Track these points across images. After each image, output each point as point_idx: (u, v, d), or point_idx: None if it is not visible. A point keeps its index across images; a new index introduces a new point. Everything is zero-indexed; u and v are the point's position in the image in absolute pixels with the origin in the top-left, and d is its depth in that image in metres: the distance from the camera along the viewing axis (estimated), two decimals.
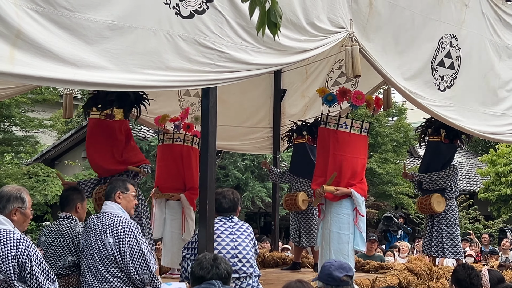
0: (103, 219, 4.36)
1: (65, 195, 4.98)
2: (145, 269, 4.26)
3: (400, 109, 19.37)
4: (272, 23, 2.74)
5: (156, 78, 4.11)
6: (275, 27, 2.76)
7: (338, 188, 5.92)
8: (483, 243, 12.60)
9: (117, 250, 4.23)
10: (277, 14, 2.74)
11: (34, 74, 3.52)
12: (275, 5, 2.72)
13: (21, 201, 3.76)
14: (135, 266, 4.23)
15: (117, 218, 4.34)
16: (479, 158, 20.86)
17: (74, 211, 4.87)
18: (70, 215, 4.83)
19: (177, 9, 4.21)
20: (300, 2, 4.96)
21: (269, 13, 2.73)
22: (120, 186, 4.53)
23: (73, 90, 7.12)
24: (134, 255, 4.24)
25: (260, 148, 9.00)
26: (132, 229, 4.31)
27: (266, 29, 2.80)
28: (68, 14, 3.68)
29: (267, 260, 7.86)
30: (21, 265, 3.53)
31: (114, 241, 4.24)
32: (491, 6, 6.83)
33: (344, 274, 3.64)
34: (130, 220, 4.40)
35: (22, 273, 3.53)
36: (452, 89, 6.38)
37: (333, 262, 3.76)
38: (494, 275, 4.75)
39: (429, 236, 7.64)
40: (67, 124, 17.97)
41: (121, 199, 4.49)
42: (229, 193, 4.80)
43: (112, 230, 4.27)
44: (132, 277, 4.24)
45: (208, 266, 3.40)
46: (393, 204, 17.11)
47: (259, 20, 2.77)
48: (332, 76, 8.08)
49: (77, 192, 5.03)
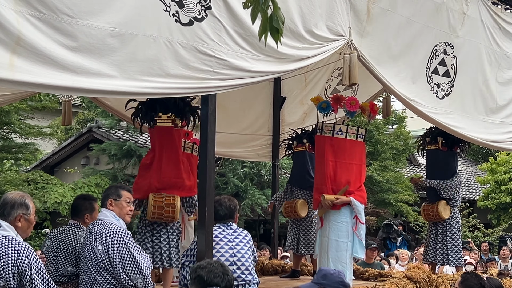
0: (96, 226, 4.35)
1: (75, 203, 4.97)
2: (137, 274, 4.24)
3: (399, 117, 19.40)
4: (274, 29, 2.73)
5: (156, 85, 4.11)
6: (277, 33, 2.74)
7: (338, 197, 5.92)
8: (482, 251, 12.59)
9: (106, 257, 4.21)
10: (280, 20, 2.72)
11: (34, 81, 3.52)
12: (277, 10, 2.71)
13: (25, 207, 3.75)
14: (126, 272, 4.20)
15: (108, 226, 4.31)
16: (479, 166, 20.87)
17: (82, 221, 4.85)
18: (78, 224, 4.84)
19: (176, 16, 4.22)
20: (298, 10, 4.97)
21: (271, 19, 2.72)
22: (112, 194, 4.48)
23: (72, 97, 7.12)
24: (124, 261, 4.22)
25: (259, 156, 8.99)
26: (121, 235, 4.27)
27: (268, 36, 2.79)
28: (70, 21, 3.68)
29: (266, 267, 7.84)
30: (21, 273, 3.52)
31: (103, 248, 4.22)
32: (491, 15, 6.85)
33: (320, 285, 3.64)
34: (120, 226, 4.34)
35: (21, 281, 3.53)
36: (450, 97, 6.40)
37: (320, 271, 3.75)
38: (492, 283, 4.75)
39: (433, 244, 7.63)
40: (67, 132, 17.99)
41: (113, 206, 4.44)
42: (226, 200, 4.79)
43: (101, 238, 4.25)
44: (124, 283, 4.22)
45: (221, 274, 3.32)
46: (392, 212, 17.10)
47: (261, 26, 2.75)
48: (331, 83, 8.09)
49: (88, 202, 4.98)
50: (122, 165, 14.08)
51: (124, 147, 13.61)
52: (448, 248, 7.47)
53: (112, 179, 13.59)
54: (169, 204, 5.61)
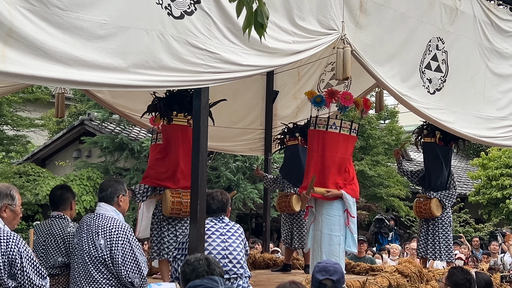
0: (97, 220, 4.31)
1: (58, 193, 4.87)
2: (136, 273, 4.23)
3: (391, 112, 19.42)
4: (258, 24, 2.73)
5: (149, 78, 4.11)
6: (261, 28, 2.75)
7: (329, 190, 5.94)
8: (473, 246, 12.65)
9: (108, 252, 4.20)
10: (264, 15, 2.72)
11: (26, 72, 3.52)
12: (262, 6, 2.72)
13: (11, 198, 3.74)
14: (126, 269, 4.20)
15: (111, 221, 4.29)
16: (470, 162, 20.96)
17: (69, 209, 4.82)
18: (62, 215, 4.78)
19: (169, 9, 4.21)
20: (285, 4, 4.95)
21: (256, 13, 2.72)
22: (121, 189, 4.47)
23: (65, 89, 7.10)
24: (126, 258, 4.21)
25: (252, 150, 9.00)
26: (126, 231, 4.26)
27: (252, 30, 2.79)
28: (61, 13, 3.68)
29: (258, 261, 7.86)
30: (11, 261, 3.51)
31: (106, 243, 4.21)
32: (483, 10, 6.86)
33: (325, 277, 3.54)
34: (124, 222, 4.35)
35: (12, 270, 3.52)
36: (441, 92, 6.41)
37: (320, 264, 3.66)
38: (481, 278, 4.76)
39: (424, 239, 7.66)
40: (58, 124, 17.92)
41: (122, 202, 4.45)
42: (218, 194, 4.81)
43: (104, 232, 4.23)
44: (123, 280, 4.21)
45: (204, 273, 3.33)
46: (384, 206, 17.16)
47: (245, 21, 2.76)
48: (324, 78, 8.10)
49: (70, 189, 4.96)
50: (114, 158, 14.05)
51: (116, 140, 13.58)
52: (440, 244, 7.50)
53: (104, 172, 13.56)
54: (187, 200, 5.67)
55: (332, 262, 3.73)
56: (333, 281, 3.55)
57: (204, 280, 3.19)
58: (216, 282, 3.13)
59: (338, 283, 3.58)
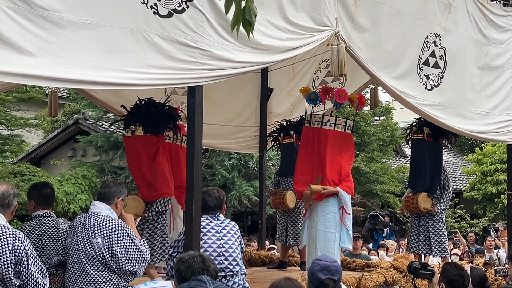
0: (91, 219, 4.34)
1: (50, 191, 4.80)
2: (141, 263, 4.33)
3: (386, 108, 19.45)
4: (246, 21, 2.74)
5: (139, 76, 4.10)
6: (249, 25, 2.75)
7: (325, 187, 5.94)
8: (469, 241, 12.67)
9: (107, 249, 4.23)
10: (252, 13, 2.73)
11: (15, 71, 3.50)
12: (250, 3, 2.72)
13: None
14: (131, 262, 4.27)
15: (106, 218, 4.34)
16: (465, 157, 21.00)
17: (51, 208, 4.79)
18: (49, 213, 4.71)
19: (155, 8, 4.21)
20: (277, 1, 4.95)
21: (244, 11, 2.72)
22: (123, 193, 4.58)
23: (58, 88, 7.06)
24: (129, 251, 4.28)
25: (247, 147, 9.00)
26: (122, 226, 4.34)
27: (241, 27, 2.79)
28: (44, 13, 3.68)
29: (253, 258, 7.87)
30: (17, 259, 3.56)
31: (104, 241, 4.24)
32: (477, 6, 6.87)
33: (327, 276, 3.51)
34: (118, 219, 4.41)
35: (17, 267, 3.57)
36: (439, 88, 6.41)
37: (321, 261, 3.61)
38: (476, 273, 4.76)
39: (416, 234, 7.59)
40: (53, 123, 17.87)
41: (119, 205, 4.54)
42: (214, 191, 4.82)
43: (101, 231, 4.27)
44: (127, 273, 4.27)
45: (200, 270, 3.34)
46: (379, 203, 17.19)
47: (233, 18, 2.77)
48: (319, 75, 8.09)
49: (52, 190, 4.89)
50: (109, 157, 14.03)
51: (111, 138, 13.56)
52: (431, 239, 7.44)
53: (99, 171, 13.53)
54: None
55: (331, 260, 3.70)
56: (334, 281, 3.54)
57: (192, 282, 3.19)
58: (204, 282, 3.13)
59: (338, 282, 3.58)
